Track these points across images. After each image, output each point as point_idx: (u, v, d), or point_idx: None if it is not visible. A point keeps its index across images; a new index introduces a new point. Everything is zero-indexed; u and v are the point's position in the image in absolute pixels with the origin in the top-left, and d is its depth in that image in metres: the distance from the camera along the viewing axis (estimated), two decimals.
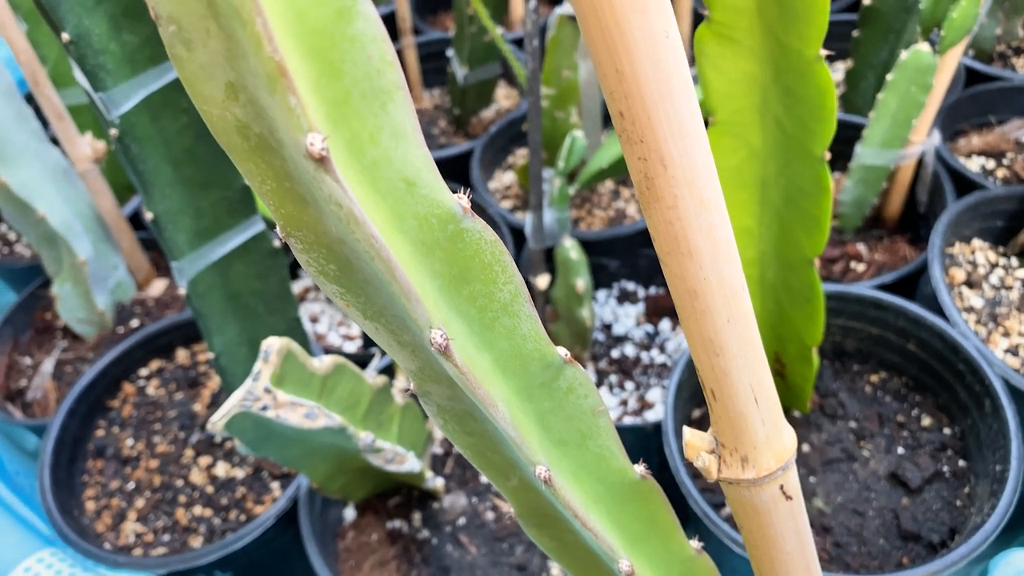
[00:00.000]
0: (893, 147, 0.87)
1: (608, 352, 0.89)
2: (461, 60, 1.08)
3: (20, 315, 0.98)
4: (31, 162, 0.89)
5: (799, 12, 0.47)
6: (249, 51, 0.21)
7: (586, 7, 0.25)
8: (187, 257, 0.64)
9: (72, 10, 0.53)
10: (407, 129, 0.25)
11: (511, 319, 0.30)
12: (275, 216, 0.26)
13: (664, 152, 0.28)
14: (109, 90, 0.56)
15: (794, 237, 0.61)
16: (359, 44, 0.23)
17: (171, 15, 0.22)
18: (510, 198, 1.03)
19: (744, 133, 0.56)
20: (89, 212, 0.95)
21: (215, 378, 0.85)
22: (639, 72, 0.26)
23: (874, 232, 0.94)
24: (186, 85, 0.23)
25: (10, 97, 0.88)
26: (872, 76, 1.00)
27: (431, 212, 0.26)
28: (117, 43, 0.56)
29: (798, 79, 0.51)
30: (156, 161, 0.60)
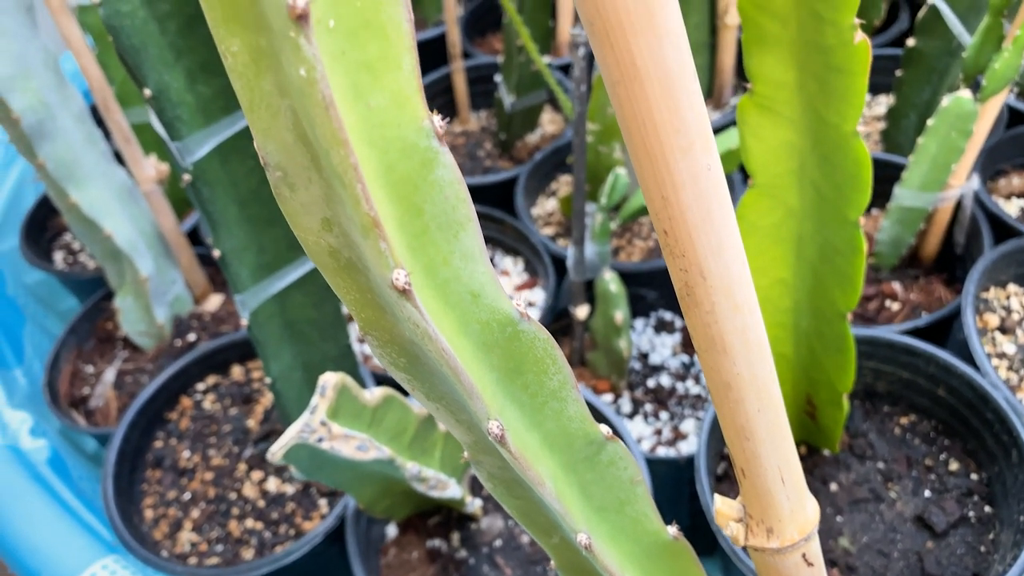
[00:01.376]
0: (931, 190, 0.88)
1: (644, 381, 0.92)
2: (509, 88, 1.11)
3: (84, 324, 1.03)
4: (99, 182, 0.94)
5: (838, 91, 0.50)
6: (347, 202, 0.24)
7: (638, 145, 0.28)
8: (250, 290, 0.68)
9: (154, 67, 0.57)
10: (475, 252, 0.28)
11: (559, 403, 0.33)
12: (356, 318, 0.30)
13: (703, 266, 0.30)
14: (184, 139, 0.60)
15: (828, 291, 0.63)
16: (438, 187, 0.26)
17: (279, 164, 0.25)
18: (552, 225, 1.06)
19: (782, 195, 0.59)
20: (151, 230, 0.99)
21: (267, 395, 0.89)
22: (683, 200, 0.29)
23: (910, 271, 0.95)
24: (287, 216, 0.27)
25: (82, 121, 0.93)
26: (914, 115, 1.02)
27: (492, 318, 0.30)
28: (193, 95, 0.60)
29: (835, 150, 0.53)
30: (225, 202, 0.64)
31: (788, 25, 0.49)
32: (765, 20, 0.49)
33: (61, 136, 0.89)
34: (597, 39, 0.27)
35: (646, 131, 0.28)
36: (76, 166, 0.91)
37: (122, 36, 0.54)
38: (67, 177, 0.90)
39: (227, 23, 0.23)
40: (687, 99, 0.27)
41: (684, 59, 0.27)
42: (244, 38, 0.23)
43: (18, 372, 1.02)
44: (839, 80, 0.49)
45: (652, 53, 0.26)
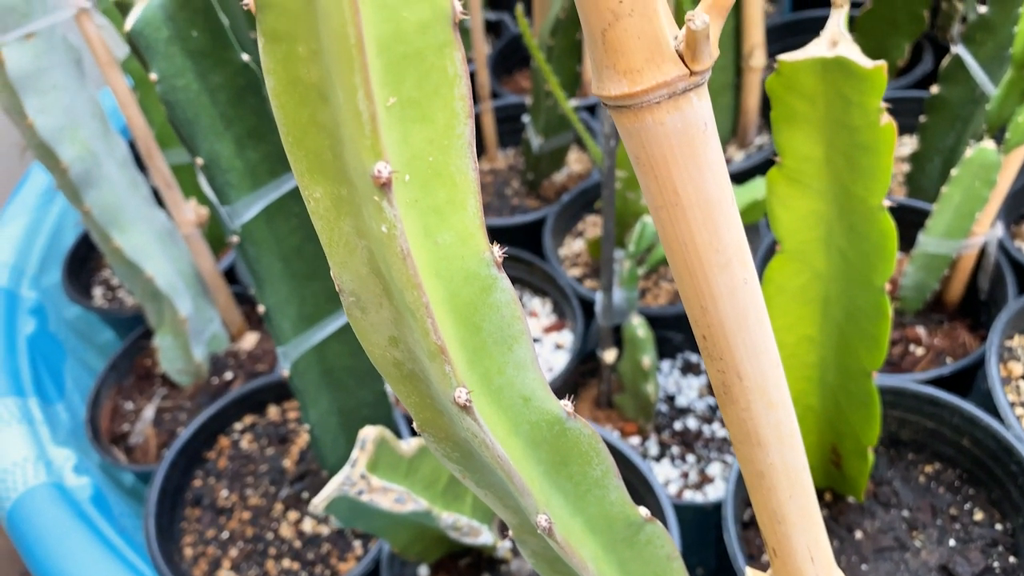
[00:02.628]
0: (956, 237, 0.89)
1: (671, 423, 0.94)
2: (536, 130, 1.14)
3: (124, 361, 1.06)
4: (141, 226, 0.97)
5: (865, 167, 0.52)
6: (416, 331, 0.26)
7: (679, 261, 0.30)
8: (292, 342, 0.71)
9: (206, 137, 0.59)
10: (527, 362, 0.30)
11: (601, 490, 0.35)
12: (414, 417, 0.32)
13: (740, 368, 0.32)
14: (233, 203, 0.62)
15: (854, 349, 0.65)
16: (496, 308, 0.28)
17: (353, 291, 0.27)
18: (579, 266, 1.08)
19: (809, 259, 0.60)
20: (190, 270, 1.02)
21: (303, 435, 0.91)
22: (721, 310, 0.31)
23: (934, 316, 0.96)
24: (357, 333, 0.29)
25: (125, 167, 0.97)
26: (938, 160, 1.03)
27: (542, 418, 0.32)
28: (241, 160, 0.62)
29: (862, 221, 0.55)
30: (270, 259, 0.67)
31: (816, 105, 0.51)
32: (794, 100, 0.51)
33: (106, 183, 0.93)
34: (642, 170, 0.29)
35: (687, 250, 0.30)
36: (120, 211, 0.94)
37: (177, 109, 0.57)
38: (111, 222, 0.93)
39: (312, 174, 0.25)
40: (725, 222, 0.29)
41: (723, 187, 0.29)
42: (327, 188, 0.25)
43: (60, 407, 1.05)
44: (866, 157, 0.51)
45: (694, 184, 0.28)
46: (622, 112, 0.28)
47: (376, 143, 0.22)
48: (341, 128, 0.23)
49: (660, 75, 0.27)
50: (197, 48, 0.57)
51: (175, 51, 0.56)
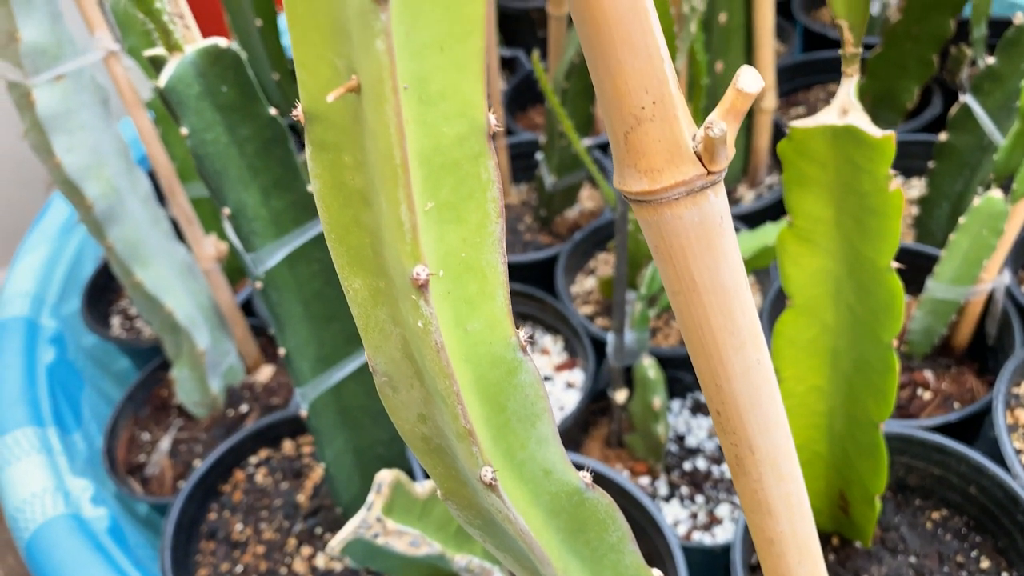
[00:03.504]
0: (963, 284, 0.91)
1: (680, 464, 0.95)
2: (550, 168, 1.16)
3: (141, 392, 1.08)
4: (162, 261, 0.99)
5: (873, 229, 0.53)
6: (445, 414, 0.28)
7: (695, 343, 0.32)
8: (310, 383, 0.72)
9: (234, 187, 0.61)
10: (548, 437, 0.31)
11: (617, 555, 0.37)
12: (438, 486, 0.34)
13: (752, 442, 0.34)
14: (258, 251, 0.64)
15: (862, 401, 0.66)
16: (520, 389, 0.30)
17: (386, 372, 0.29)
18: (591, 304, 1.10)
19: (819, 313, 0.62)
20: (208, 303, 1.04)
21: (317, 470, 0.93)
22: (735, 389, 0.32)
23: (942, 360, 0.97)
24: (388, 409, 0.31)
25: (147, 203, 0.99)
26: (947, 204, 1.04)
27: (562, 490, 0.33)
28: (267, 209, 0.64)
29: (870, 281, 0.56)
30: (291, 304, 0.68)
31: (827, 169, 0.53)
32: (805, 164, 0.53)
33: (129, 219, 0.95)
34: (660, 257, 0.30)
35: (703, 332, 0.31)
36: (141, 246, 0.96)
37: (206, 161, 0.59)
38: (133, 257, 0.95)
39: (352, 267, 0.27)
40: (739, 307, 0.31)
41: (738, 274, 0.31)
42: (365, 280, 0.27)
43: (77, 436, 1.07)
44: (875, 221, 0.52)
45: (710, 272, 0.30)
46: (642, 206, 0.29)
47: (416, 249, 0.24)
48: (382, 230, 0.25)
49: (679, 175, 0.28)
50: (226, 102, 0.59)
51: (205, 106, 0.58)
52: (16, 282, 1.21)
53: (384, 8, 0.21)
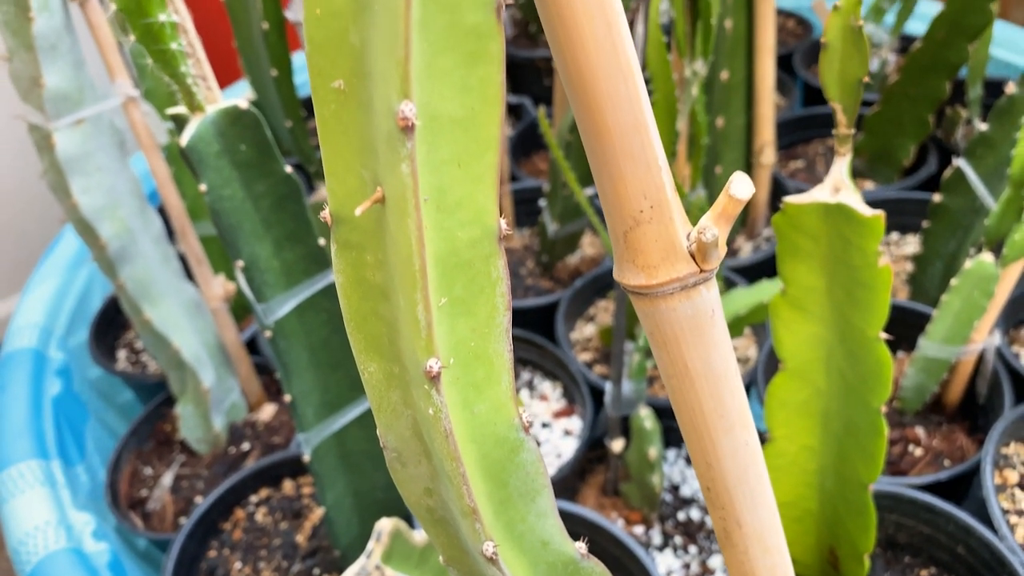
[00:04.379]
0: (955, 344, 0.92)
1: (675, 514, 0.96)
2: (552, 216, 1.18)
3: (145, 426, 1.10)
4: (171, 299, 1.01)
5: (863, 301, 0.55)
6: (451, 491, 0.30)
7: (687, 423, 0.34)
8: (314, 429, 0.74)
9: (248, 241, 0.64)
10: (547, 510, 0.33)
11: None
12: (440, 552, 0.35)
13: (740, 517, 0.36)
14: (268, 301, 0.66)
15: (852, 462, 0.68)
16: (522, 466, 0.31)
17: (396, 448, 0.31)
18: (590, 351, 1.12)
19: (811, 377, 0.64)
20: (214, 341, 1.06)
21: (316, 510, 0.94)
22: (724, 468, 0.34)
23: (933, 417, 0.99)
24: (396, 482, 0.32)
25: (159, 243, 1.01)
26: (940, 263, 1.07)
27: (558, 559, 0.35)
28: (279, 261, 0.66)
29: (860, 348, 0.58)
30: (298, 351, 0.70)
31: (819, 242, 0.55)
32: (798, 237, 0.55)
33: (140, 258, 0.97)
34: (656, 344, 0.32)
35: (695, 414, 0.33)
36: (152, 285, 0.98)
37: (223, 216, 0.61)
38: (143, 295, 0.97)
39: (368, 352, 0.29)
40: (729, 391, 0.33)
41: (728, 361, 0.33)
42: (380, 365, 0.29)
43: (80, 468, 1.08)
44: (864, 293, 0.55)
45: (702, 359, 0.32)
46: (639, 298, 0.31)
47: (430, 344, 0.26)
48: (399, 323, 0.27)
49: (674, 272, 0.30)
50: (244, 160, 0.62)
51: (224, 163, 0.61)
52: (25, 314, 1.23)
53: (410, 137, 0.23)
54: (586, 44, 0.27)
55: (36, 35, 0.82)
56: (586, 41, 0.27)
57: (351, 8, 0.23)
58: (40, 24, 0.82)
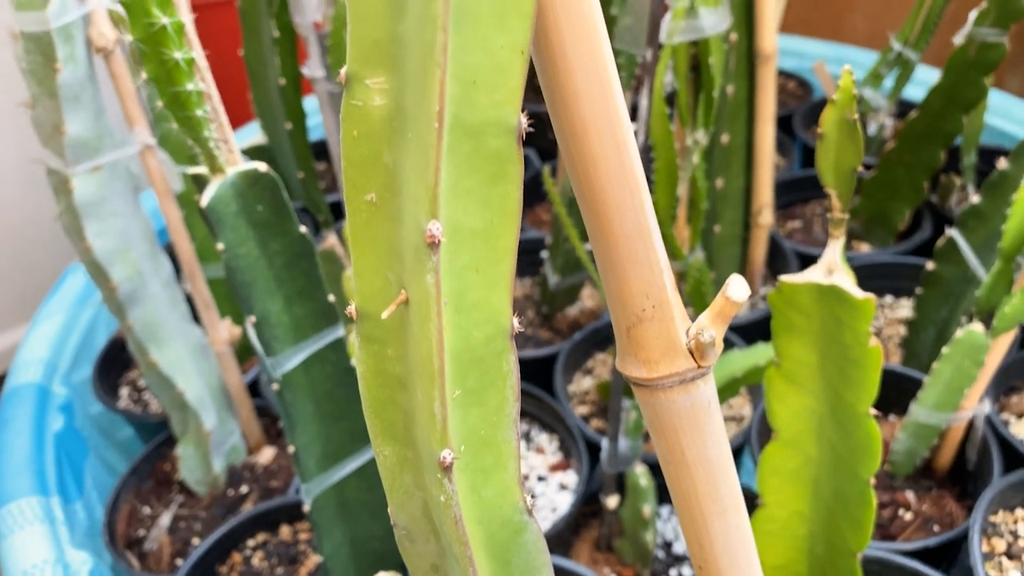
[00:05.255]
0: (945, 410, 0.94)
1: (667, 570, 0.97)
2: (554, 268, 1.20)
3: (144, 465, 1.11)
4: (177, 342, 1.03)
5: (854, 378, 0.57)
6: (457, 570, 0.31)
7: (682, 507, 0.36)
8: (315, 479, 0.75)
9: (260, 297, 0.66)
10: None
11: None
12: None
13: None
14: (277, 355, 0.68)
15: (841, 529, 0.69)
16: (524, 547, 0.33)
17: (406, 526, 0.33)
18: (587, 404, 1.13)
19: (802, 446, 0.65)
20: (217, 384, 1.08)
21: (312, 557, 0.95)
22: (716, 550, 0.36)
23: (923, 482, 1.00)
24: (404, 557, 0.34)
25: (168, 286, 1.03)
26: (932, 330, 1.09)
27: None
28: (289, 316, 0.68)
29: (850, 422, 0.60)
30: (304, 403, 0.72)
31: (812, 320, 0.57)
32: (793, 313, 0.57)
33: (150, 301, 0.99)
34: (654, 431, 0.34)
35: (689, 499, 0.35)
36: (159, 327, 1.00)
37: (237, 274, 0.64)
38: (150, 338, 0.99)
39: (384, 437, 0.31)
40: (723, 478, 0.35)
41: (722, 450, 0.34)
42: (395, 449, 0.31)
43: (79, 505, 1.09)
44: (855, 371, 0.57)
45: (697, 447, 0.34)
46: (640, 388, 0.33)
47: (444, 437, 0.28)
48: (415, 412, 0.29)
49: (673, 367, 0.32)
50: (261, 220, 0.64)
51: (241, 223, 0.63)
52: (31, 348, 1.24)
53: (436, 252, 0.25)
54: (596, 159, 0.29)
55: (61, 85, 0.85)
56: (596, 157, 0.29)
57: (386, 133, 0.25)
58: (65, 75, 0.85)
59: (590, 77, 0.27)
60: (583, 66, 0.27)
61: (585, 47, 0.27)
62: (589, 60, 0.27)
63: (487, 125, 0.25)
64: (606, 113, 0.28)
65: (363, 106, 0.25)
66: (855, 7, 1.90)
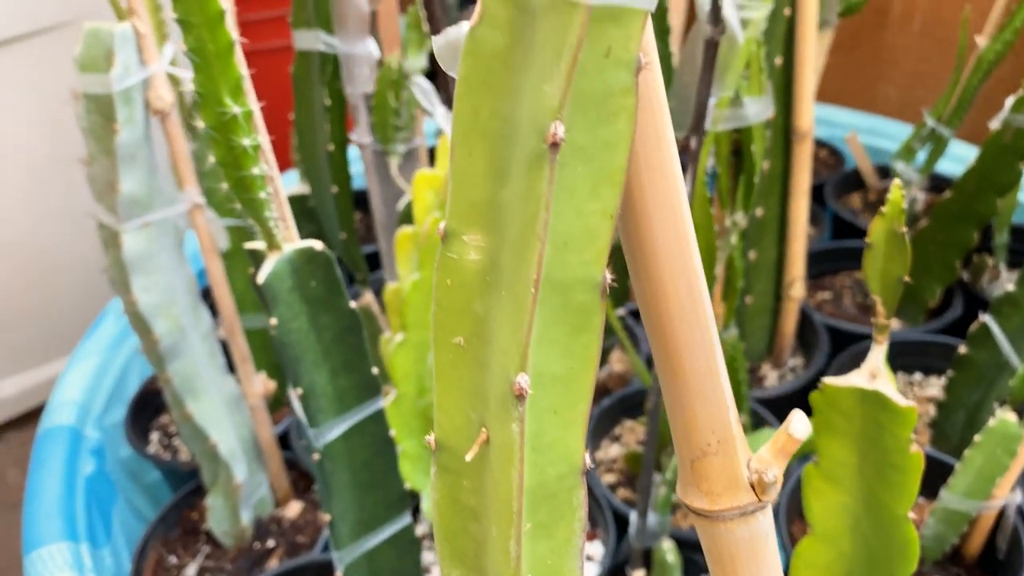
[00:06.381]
0: (976, 498, 0.94)
1: None
2: None
3: (173, 513, 1.12)
4: (213, 394, 1.04)
5: (893, 481, 0.58)
6: None
7: None
8: (348, 547, 0.76)
9: (308, 370, 0.67)
10: None
11: None
12: None
13: None
14: (320, 426, 0.69)
15: None
16: None
17: None
18: (614, 472, 1.14)
19: (836, 542, 0.66)
20: (249, 436, 1.09)
21: None
22: None
23: (952, 569, 1.00)
24: None
25: (207, 339, 1.05)
26: (963, 413, 1.09)
27: None
28: (333, 387, 0.70)
29: (887, 524, 0.60)
30: (341, 472, 0.73)
31: (853, 422, 0.58)
32: (834, 414, 0.58)
33: (188, 354, 1.00)
34: (711, 558, 0.35)
35: None
36: (197, 380, 1.02)
37: (288, 348, 0.65)
38: (188, 390, 1.01)
39: (453, 560, 0.32)
40: None
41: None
42: (463, 573, 0.32)
43: (106, 551, 1.10)
44: (895, 474, 0.57)
45: None
46: (700, 518, 0.34)
47: (518, 572, 0.29)
48: (487, 544, 0.30)
49: (735, 500, 0.33)
50: (313, 295, 0.65)
51: (295, 298, 0.64)
52: (66, 390, 1.26)
53: (522, 403, 0.26)
54: (671, 303, 0.30)
55: (118, 145, 0.88)
56: (671, 300, 0.30)
57: (479, 286, 0.27)
58: (123, 136, 0.87)
59: (669, 232, 0.29)
60: (663, 221, 0.29)
61: (666, 204, 0.28)
62: (669, 216, 0.29)
63: (575, 282, 0.27)
64: (683, 262, 0.29)
65: (458, 259, 0.27)
66: (888, 77, 1.92)
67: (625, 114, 0.25)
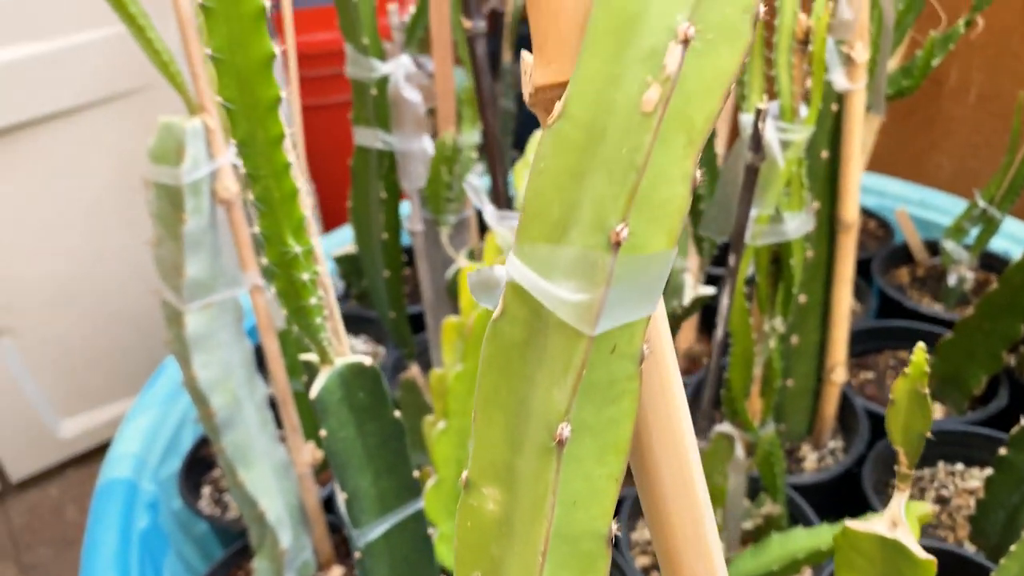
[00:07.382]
0: None
1: None
2: None
3: (221, 570, 1.16)
4: (264, 462, 1.09)
5: None
6: None
7: None
8: None
9: (353, 475, 0.71)
10: None
11: None
12: None
13: None
14: (362, 527, 0.73)
15: None
16: None
17: None
18: (648, 554, 1.15)
19: None
20: (295, 503, 1.13)
21: None
22: None
23: None
24: None
25: (261, 409, 1.09)
26: (1002, 513, 1.08)
27: None
28: (376, 489, 0.73)
29: None
30: (381, 568, 0.77)
31: (875, 565, 0.59)
32: (854, 555, 0.60)
33: (242, 425, 1.05)
34: None
35: None
36: (249, 450, 1.06)
37: (336, 456, 0.69)
38: (241, 460, 1.05)
39: None
40: None
41: None
42: None
43: None
44: None
45: None
46: None
47: None
48: None
49: None
50: (361, 405, 0.69)
51: (343, 409, 0.68)
52: (124, 443, 1.32)
53: None
54: (676, 534, 0.33)
55: (185, 233, 0.93)
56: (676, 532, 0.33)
57: (494, 532, 0.30)
58: (191, 224, 0.93)
59: (677, 479, 0.32)
60: (672, 472, 0.31)
61: (674, 456, 0.31)
62: (677, 467, 0.31)
63: (583, 534, 0.30)
64: (688, 501, 0.32)
65: (478, 507, 0.30)
66: (941, 147, 1.91)
67: (629, 396, 0.28)
